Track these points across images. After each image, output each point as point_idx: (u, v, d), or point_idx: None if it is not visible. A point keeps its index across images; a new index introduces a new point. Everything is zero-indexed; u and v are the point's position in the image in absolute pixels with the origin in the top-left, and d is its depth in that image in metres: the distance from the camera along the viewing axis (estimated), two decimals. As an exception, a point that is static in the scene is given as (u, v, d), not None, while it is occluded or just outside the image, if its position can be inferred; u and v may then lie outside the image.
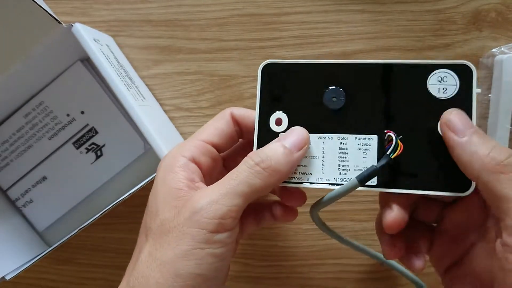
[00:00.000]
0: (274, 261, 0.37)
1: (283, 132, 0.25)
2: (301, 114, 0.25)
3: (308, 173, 0.25)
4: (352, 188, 0.23)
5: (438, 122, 0.23)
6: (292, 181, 0.25)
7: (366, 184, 0.24)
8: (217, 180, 0.23)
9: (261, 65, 0.26)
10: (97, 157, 0.36)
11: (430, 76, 0.24)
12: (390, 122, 0.24)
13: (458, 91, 0.23)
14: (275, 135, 0.25)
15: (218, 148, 0.27)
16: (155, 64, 0.37)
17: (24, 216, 0.37)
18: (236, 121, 0.27)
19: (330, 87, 0.25)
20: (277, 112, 0.25)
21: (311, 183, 0.25)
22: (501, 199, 0.20)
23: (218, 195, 0.22)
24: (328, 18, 0.36)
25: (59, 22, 0.30)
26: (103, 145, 0.36)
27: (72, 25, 0.30)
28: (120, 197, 0.31)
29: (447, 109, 0.23)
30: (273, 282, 0.37)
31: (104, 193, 0.36)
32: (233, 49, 0.36)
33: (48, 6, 0.31)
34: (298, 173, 0.25)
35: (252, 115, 0.27)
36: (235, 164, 0.24)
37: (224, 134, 0.27)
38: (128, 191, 0.31)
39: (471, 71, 0.23)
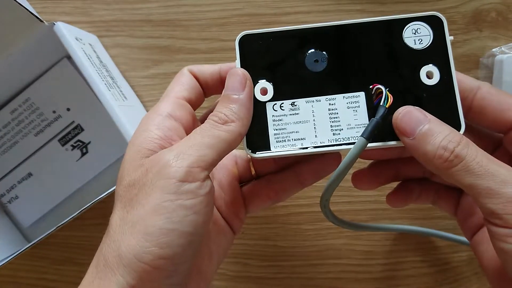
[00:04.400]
0: (274, 261, 0.37)
1: (270, 100, 0.25)
2: (285, 80, 0.25)
3: (302, 138, 0.25)
4: (362, 148, 0.23)
5: (419, 71, 0.24)
6: (287, 148, 0.25)
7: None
8: None
9: (237, 37, 0.26)
10: (83, 154, 0.36)
11: (404, 29, 0.25)
12: (374, 78, 0.25)
13: (433, 40, 0.25)
14: (263, 105, 0.25)
15: (190, 102, 0.25)
16: (155, 64, 0.37)
17: (9, 212, 0.37)
18: (195, 76, 0.26)
19: (310, 51, 0.25)
20: (261, 81, 0.25)
21: (305, 148, 0.25)
22: (466, 189, 0.21)
23: (186, 147, 0.21)
24: (328, 18, 0.36)
25: (41, 21, 0.30)
26: (89, 143, 0.36)
27: (54, 24, 0.31)
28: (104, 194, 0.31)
29: (426, 58, 0.24)
30: (273, 282, 0.37)
31: (89, 190, 0.37)
32: (233, 49, 0.36)
33: (48, 6, 0.32)
34: (291, 139, 0.25)
35: (209, 67, 0.26)
36: None
37: (190, 87, 0.25)
38: (113, 188, 0.31)
39: (441, 21, 0.25)
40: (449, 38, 0.25)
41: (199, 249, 0.23)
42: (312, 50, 0.25)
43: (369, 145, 0.23)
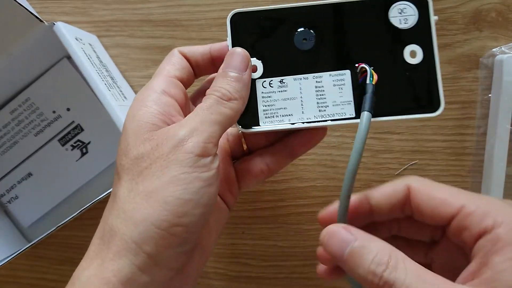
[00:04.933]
0: (274, 261, 0.37)
1: (260, 78, 0.26)
2: (275, 58, 0.26)
3: (289, 114, 0.26)
4: (369, 121, 0.24)
5: (403, 51, 0.25)
6: (275, 124, 0.26)
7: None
8: None
9: (229, 16, 0.26)
10: (83, 154, 0.36)
11: (390, 9, 0.26)
12: (359, 56, 0.26)
13: (418, 20, 0.25)
14: (253, 82, 0.26)
15: (182, 82, 0.26)
16: (155, 64, 0.37)
17: (9, 212, 0.37)
18: (185, 57, 0.26)
19: (299, 29, 0.26)
20: (251, 59, 0.26)
21: (293, 124, 0.26)
22: None
23: (197, 123, 0.22)
24: None
25: (41, 21, 0.30)
26: (89, 143, 0.36)
27: (54, 24, 0.31)
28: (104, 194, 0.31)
29: (410, 37, 0.25)
30: (273, 282, 0.37)
31: (89, 190, 0.36)
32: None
33: (48, 6, 0.32)
34: (279, 115, 0.26)
35: (199, 47, 0.26)
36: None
37: (181, 67, 0.26)
38: None
39: (426, 1, 0.25)
40: (433, 18, 0.25)
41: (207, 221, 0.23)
42: (301, 29, 0.26)
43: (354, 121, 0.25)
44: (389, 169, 0.36)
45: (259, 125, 0.26)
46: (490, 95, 0.34)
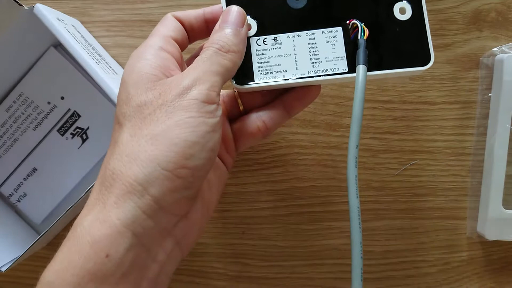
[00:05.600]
0: (274, 261, 0.37)
1: (254, 36, 0.27)
2: (268, 17, 0.27)
3: (284, 71, 0.27)
4: (365, 73, 0.25)
5: (393, 7, 0.26)
6: (269, 80, 0.27)
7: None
8: None
9: None
10: (83, 140, 0.36)
11: None
12: (350, 13, 0.26)
13: None
14: (248, 40, 0.27)
15: (177, 43, 0.26)
16: (155, 64, 0.37)
17: (20, 211, 0.37)
18: (180, 21, 0.27)
19: None
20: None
21: (287, 79, 0.26)
22: None
23: (199, 72, 0.23)
24: None
25: (20, 5, 0.30)
26: (88, 128, 0.36)
27: (33, 7, 0.30)
28: None
29: None
30: (273, 282, 0.37)
31: (96, 175, 0.36)
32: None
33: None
34: (274, 72, 0.27)
35: (194, 12, 0.27)
36: None
37: (177, 29, 0.26)
38: None
39: None
40: None
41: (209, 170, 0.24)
42: None
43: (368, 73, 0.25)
44: (389, 169, 0.36)
45: (254, 81, 0.27)
46: (490, 95, 0.34)
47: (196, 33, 0.27)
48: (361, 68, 0.25)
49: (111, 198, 0.21)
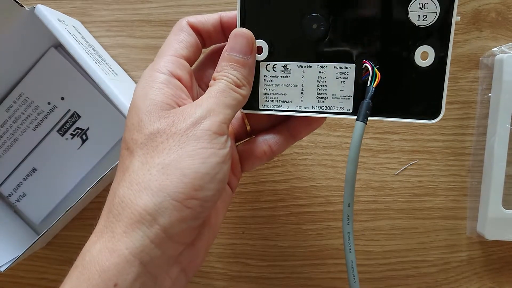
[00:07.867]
0: (274, 261, 0.37)
1: (264, 60, 0.26)
2: (282, 42, 0.25)
3: (288, 101, 0.26)
4: (363, 130, 0.23)
5: (415, 51, 0.24)
6: (273, 108, 0.26)
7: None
8: (197, 97, 0.24)
9: None
10: (83, 141, 0.36)
11: (411, 2, 0.24)
12: (368, 51, 0.24)
13: (438, 18, 0.23)
14: (256, 64, 0.26)
15: (188, 61, 0.26)
16: (155, 64, 0.37)
17: (19, 211, 0.37)
18: (196, 29, 0.26)
19: (311, 14, 0.25)
20: (257, 40, 0.25)
21: (290, 111, 0.26)
22: None
23: (212, 104, 0.23)
24: None
25: (21, 5, 0.30)
26: (87, 129, 0.36)
27: (34, 7, 0.30)
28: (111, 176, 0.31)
29: (425, 37, 0.24)
30: (273, 282, 0.37)
31: (95, 176, 0.36)
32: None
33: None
34: (279, 101, 0.26)
35: (210, 18, 0.26)
36: (206, 77, 0.28)
37: (190, 45, 0.26)
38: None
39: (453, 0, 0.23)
40: (455, 19, 0.23)
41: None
42: (313, 14, 0.25)
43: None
44: (389, 169, 0.36)
45: (258, 108, 0.26)
46: (490, 94, 0.34)
47: (214, 40, 0.27)
48: (358, 126, 0.23)
49: (120, 227, 0.21)
